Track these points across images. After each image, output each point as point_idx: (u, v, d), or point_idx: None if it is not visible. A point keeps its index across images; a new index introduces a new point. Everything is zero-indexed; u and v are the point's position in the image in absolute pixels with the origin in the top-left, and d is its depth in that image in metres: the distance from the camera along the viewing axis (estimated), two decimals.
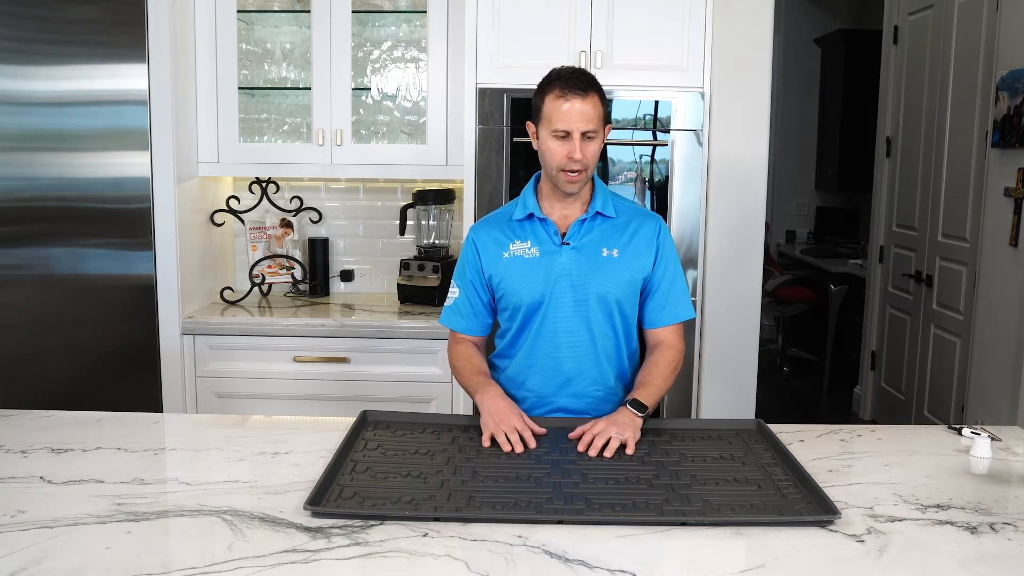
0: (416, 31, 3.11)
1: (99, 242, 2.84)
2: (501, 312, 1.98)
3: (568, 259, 1.89)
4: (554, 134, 1.82)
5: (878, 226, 4.63)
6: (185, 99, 2.93)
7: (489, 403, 1.80)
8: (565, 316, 1.89)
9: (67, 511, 1.41)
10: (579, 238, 1.90)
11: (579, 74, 1.83)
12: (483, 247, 1.95)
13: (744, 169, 3.06)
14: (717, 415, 3.05)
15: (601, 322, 1.90)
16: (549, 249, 1.90)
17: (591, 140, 1.82)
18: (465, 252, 1.98)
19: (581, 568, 1.24)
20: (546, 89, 1.84)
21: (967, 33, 3.71)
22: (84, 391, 2.85)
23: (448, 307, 2.01)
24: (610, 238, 1.91)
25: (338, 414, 1.96)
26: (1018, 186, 3.24)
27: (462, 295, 1.98)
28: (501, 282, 1.93)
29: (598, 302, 1.89)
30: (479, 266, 1.95)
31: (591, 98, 1.81)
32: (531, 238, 1.92)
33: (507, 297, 1.93)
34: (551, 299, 1.89)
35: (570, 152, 1.80)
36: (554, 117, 1.81)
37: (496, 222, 1.98)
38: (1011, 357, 3.25)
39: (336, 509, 1.41)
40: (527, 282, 1.89)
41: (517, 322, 1.93)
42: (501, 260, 1.92)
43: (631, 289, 1.91)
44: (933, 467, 1.67)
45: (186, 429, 2.02)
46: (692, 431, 1.82)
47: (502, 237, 1.94)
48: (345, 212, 3.40)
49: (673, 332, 1.96)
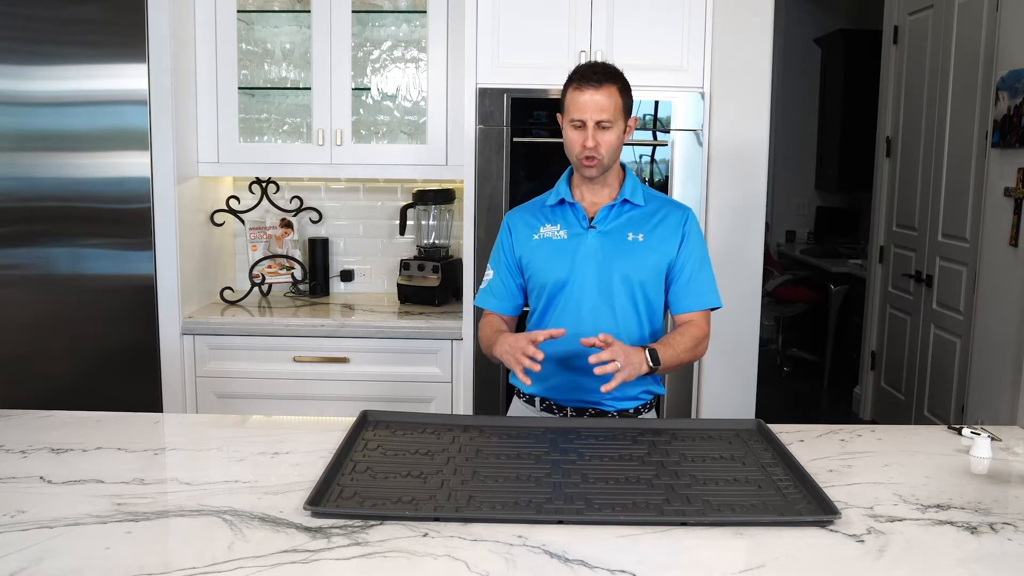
0: (416, 31, 3.11)
1: (99, 242, 2.84)
2: (530, 292, 2.05)
3: (594, 242, 1.95)
4: (572, 123, 1.90)
5: (878, 226, 4.63)
6: (185, 99, 2.93)
7: (501, 344, 1.87)
8: (589, 294, 1.95)
9: (67, 511, 1.41)
10: (606, 223, 1.97)
11: (598, 66, 1.91)
12: (516, 230, 2.04)
13: (744, 169, 3.06)
14: (717, 415, 3.05)
15: (624, 302, 1.95)
16: (576, 232, 1.97)
17: (606, 130, 1.89)
18: (501, 236, 2.08)
19: (581, 568, 1.24)
20: (568, 82, 1.93)
21: (967, 33, 3.71)
22: (84, 391, 2.85)
23: (483, 289, 2.09)
24: (637, 224, 1.97)
25: (338, 414, 1.96)
26: (1018, 186, 3.24)
27: (495, 277, 2.07)
28: (530, 262, 2.00)
29: (622, 282, 1.95)
30: (512, 248, 2.04)
31: (605, 88, 1.87)
32: (560, 221, 2.00)
33: (535, 277, 2.00)
34: (575, 278, 1.95)
35: (584, 140, 1.88)
36: (571, 107, 1.90)
37: (530, 208, 2.07)
38: (1011, 357, 3.25)
39: (336, 509, 1.41)
40: (554, 262, 1.97)
41: (543, 301, 2.00)
42: (531, 242, 2.00)
43: (655, 272, 1.97)
44: (933, 467, 1.67)
45: (186, 429, 2.02)
46: (692, 431, 1.82)
47: (534, 221, 2.03)
48: (345, 212, 3.40)
49: (701, 316, 2.00)
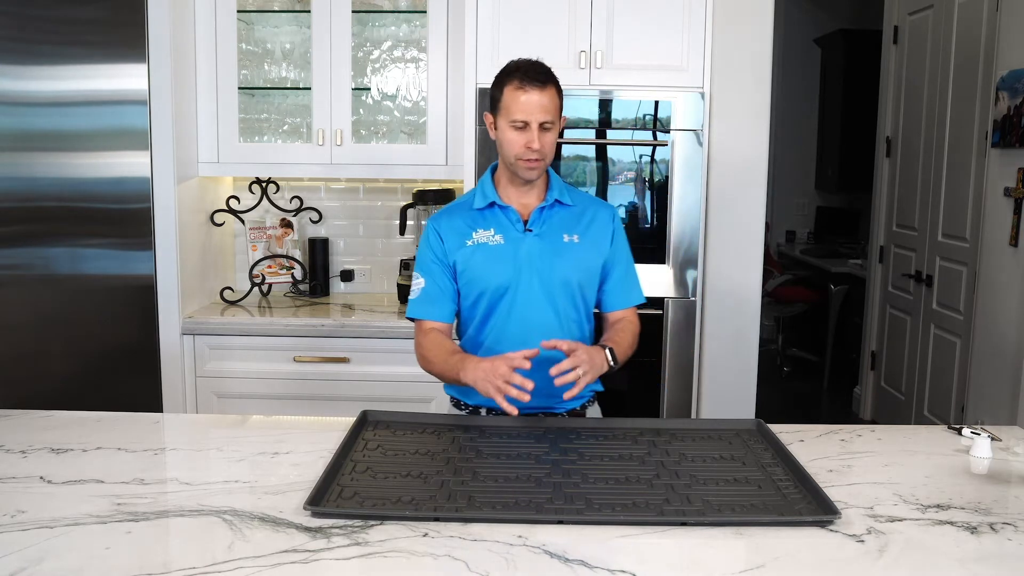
0: (416, 31, 3.11)
1: (99, 242, 2.83)
2: (464, 300, 1.99)
3: (532, 245, 1.94)
4: (513, 124, 1.86)
5: (878, 226, 4.63)
6: (185, 99, 2.93)
7: (473, 371, 1.77)
8: (536, 300, 1.93)
9: (67, 511, 1.41)
10: (540, 224, 1.95)
11: (537, 66, 1.88)
12: (446, 235, 1.97)
13: (744, 169, 3.06)
14: (717, 415, 3.05)
15: (566, 305, 1.95)
16: (512, 236, 1.94)
17: (548, 131, 1.87)
18: (428, 242, 1.99)
19: (581, 568, 1.24)
20: (505, 80, 1.88)
21: (967, 33, 3.71)
22: (84, 391, 2.85)
23: (415, 299, 1.98)
24: (569, 224, 1.97)
25: (338, 414, 1.96)
26: (1018, 186, 3.24)
27: (429, 282, 1.97)
28: (466, 268, 1.94)
29: (563, 286, 1.94)
30: (444, 254, 1.97)
31: (549, 90, 1.86)
32: (494, 225, 1.96)
33: (473, 283, 1.95)
34: (519, 284, 1.93)
35: (528, 142, 1.86)
36: (513, 107, 1.86)
37: (456, 211, 2.01)
38: (1011, 357, 3.25)
39: (336, 509, 1.41)
40: (493, 268, 1.93)
41: (482, 308, 1.96)
42: (465, 247, 1.95)
43: (591, 273, 1.98)
44: (933, 467, 1.67)
45: (186, 429, 2.02)
46: (692, 431, 1.82)
47: (464, 226, 1.97)
48: (345, 212, 3.40)
49: (632, 312, 2.04)
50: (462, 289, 1.98)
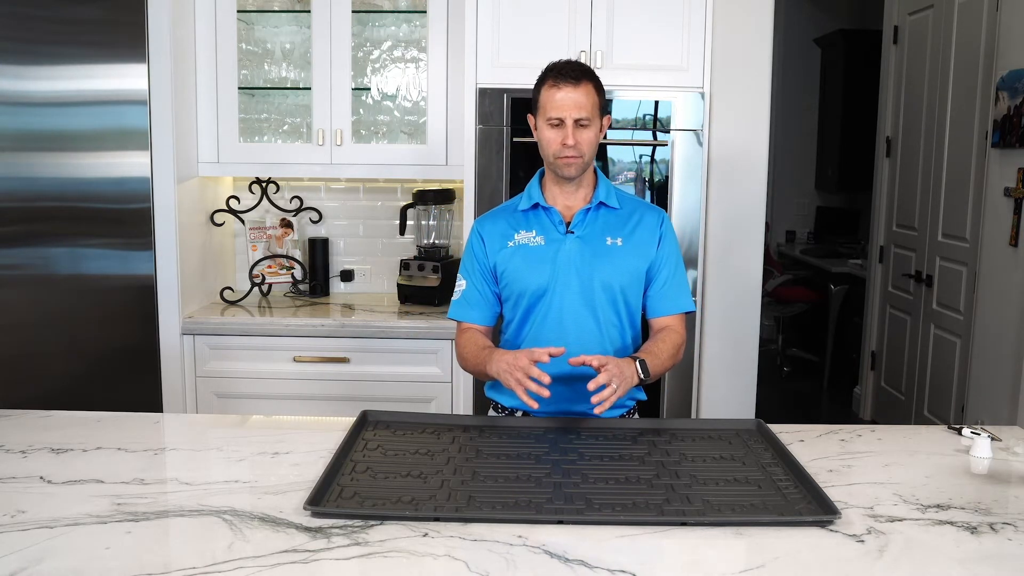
0: (416, 31, 3.11)
1: (99, 242, 2.83)
2: (505, 301, 1.99)
3: (572, 247, 1.92)
4: (548, 122, 1.87)
5: (878, 226, 4.63)
6: (185, 99, 2.93)
7: (497, 362, 1.79)
8: (572, 303, 1.91)
9: (67, 511, 1.41)
10: (583, 227, 1.93)
11: (573, 64, 1.88)
12: (488, 237, 1.98)
13: (744, 169, 3.06)
14: (717, 415, 3.05)
15: (606, 309, 1.92)
16: (554, 237, 1.93)
17: (585, 128, 1.86)
18: (471, 245, 2.01)
19: (581, 568, 1.24)
20: (541, 80, 1.90)
21: (967, 33, 3.71)
22: (84, 391, 2.85)
23: (456, 300, 2.01)
24: (614, 227, 1.94)
25: (338, 414, 1.96)
26: (1018, 186, 3.24)
27: (470, 285, 2.00)
28: (506, 270, 1.95)
29: (603, 290, 1.91)
30: (485, 256, 1.98)
31: (583, 86, 1.85)
32: (536, 227, 1.95)
33: (512, 284, 1.94)
34: (557, 286, 1.91)
35: (563, 139, 1.85)
36: (548, 106, 1.86)
37: (500, 214, 2.01)
38: (1011, 357, 3.25)
39: (336, 509, 1.41)
40: (532, 269, 1.92)
41: (521, 310, 1.95)
42: (506, 249, 1.95)
43: (635, 277, 1.94)
44: (933, 467, 1.67)
45: (186, 429, 2.02)
46: (692, 431, 1.82)
47: (507, 228, 1.97)
48: (345, 212, 3.40)
49: (678, 320, 1.98)
50: (503, 291, 1.98)
